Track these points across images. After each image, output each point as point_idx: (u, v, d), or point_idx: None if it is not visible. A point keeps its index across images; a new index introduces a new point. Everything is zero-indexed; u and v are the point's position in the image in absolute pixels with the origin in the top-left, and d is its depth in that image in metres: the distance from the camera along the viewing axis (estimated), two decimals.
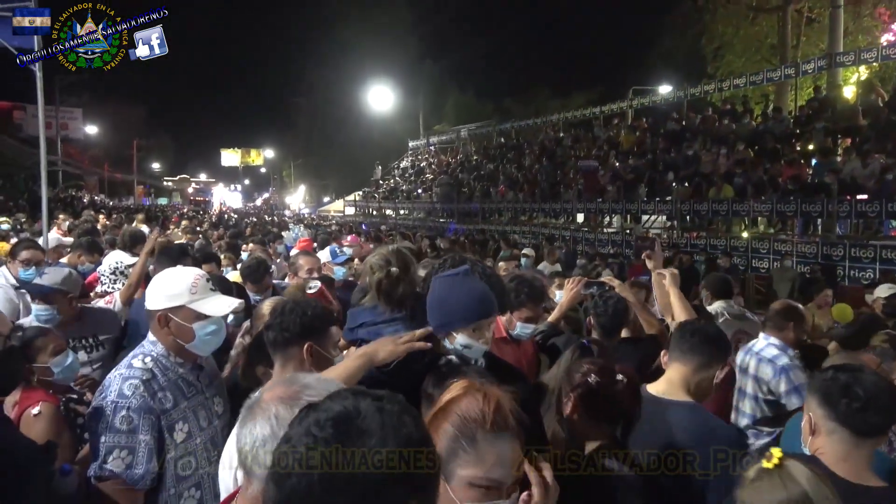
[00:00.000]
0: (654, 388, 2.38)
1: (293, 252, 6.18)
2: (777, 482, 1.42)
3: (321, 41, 53.34)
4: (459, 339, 1.86)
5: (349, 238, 8.44)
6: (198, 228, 14.12)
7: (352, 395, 1.00)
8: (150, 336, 2.26)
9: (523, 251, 10.34)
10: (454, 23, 53.47)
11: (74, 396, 2.90)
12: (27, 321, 3.39)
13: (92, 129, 52.43)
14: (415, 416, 1.00)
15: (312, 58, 54.41)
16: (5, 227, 10.83)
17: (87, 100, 48.39)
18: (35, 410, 2.46)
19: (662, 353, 2.50)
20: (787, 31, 23.05)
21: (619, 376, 2.06)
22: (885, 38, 21.36)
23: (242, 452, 1.30)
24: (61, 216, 11.54)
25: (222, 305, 2.25)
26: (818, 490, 1.40)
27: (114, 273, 4.89)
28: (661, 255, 3.83)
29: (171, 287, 2.23)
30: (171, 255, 4.54)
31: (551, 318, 3.74)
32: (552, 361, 3.21)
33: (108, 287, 4.90)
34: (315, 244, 7.86)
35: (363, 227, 23.50)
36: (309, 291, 3.34)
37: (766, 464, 1.46)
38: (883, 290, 5.92)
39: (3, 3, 5.22)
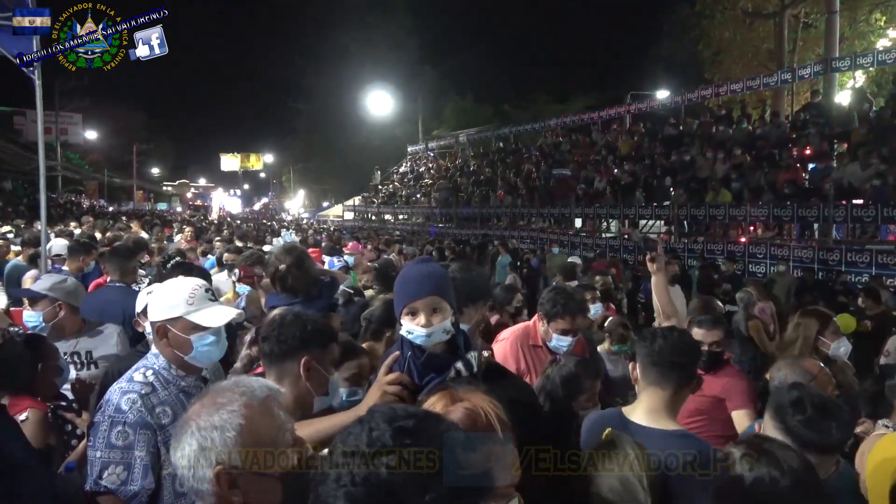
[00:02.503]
0: (633, 414, 2.23)
1: None
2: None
3: (321, 47, 53.40)
4: (403, 325, 1.78)
5: (349, 245, 8.33)
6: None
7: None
8: (153, 348, 2.26)
9: (569, 259, 9.84)
10: (453, 28, 53.62)
11: (63, 403, 2.86)
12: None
13: (92, 135, 52.49)
14: None
15: (312, 63, 54.44)
16: (10, 235, 10.80)
17: (86, 105, 48.37)
18: (22, 417, 2.44)
19: (631, 365, 2.38)
20: (784, 36, 23.15)
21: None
22: (881, 44, 21.44)
23: (183, 476, 1.30)
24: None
25: (220, 316, 2.22)
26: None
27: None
28: (664, 258, 3.83)
29: (169, 298, 2.21)
30: (121, 254, 4.64)
31: None
32: None
33: None
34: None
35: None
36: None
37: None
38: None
39: (2, 10, 5.26)
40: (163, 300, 2.21)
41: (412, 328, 1.75)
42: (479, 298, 2.29)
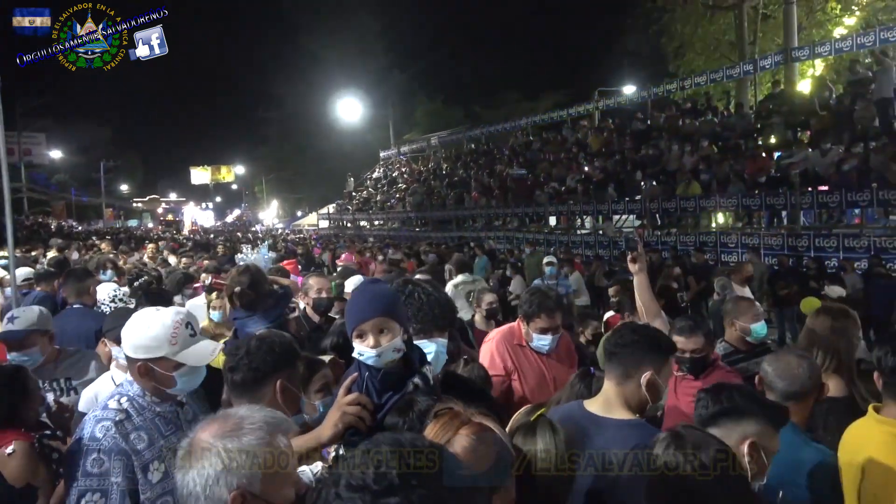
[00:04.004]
0: (591, 405, 2.31)
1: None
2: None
3: (289, 55, 53.37)
4: (355, 346, 1.82)
5: (343, 257, 8.12)
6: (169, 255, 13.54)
7: None
8: (128, 376, 2.23)
9: (546, 259, 9.77)
10: (420, 31, 53.68)
11: (48, 432, 2.86)
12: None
13: (56, 154, 51.50)
14: None
15: (281, 72, 54.34)
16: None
17: (50, 123, 47.48)
18: (9, 450, 2.39)
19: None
20: (744, 28, 23.58)
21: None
22: (838, 32, 21.96)
23: (193, 495, 1.31)
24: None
25: (203, 354, 2.19)
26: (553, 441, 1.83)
27: (113, 301, 4.95)
28: (645, 257, 3.82)
29: (150, 338, 2.14)
30: (78, 276, 4.73)
31: None
32: None
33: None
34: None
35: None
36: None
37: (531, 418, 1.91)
38: (833, 293, 6.21)
39: None
40: (143, 340, 2.14)
41: (363, 350, 1.79)
42: (447, 326, 2.31)
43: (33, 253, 12.91)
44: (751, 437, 1.93)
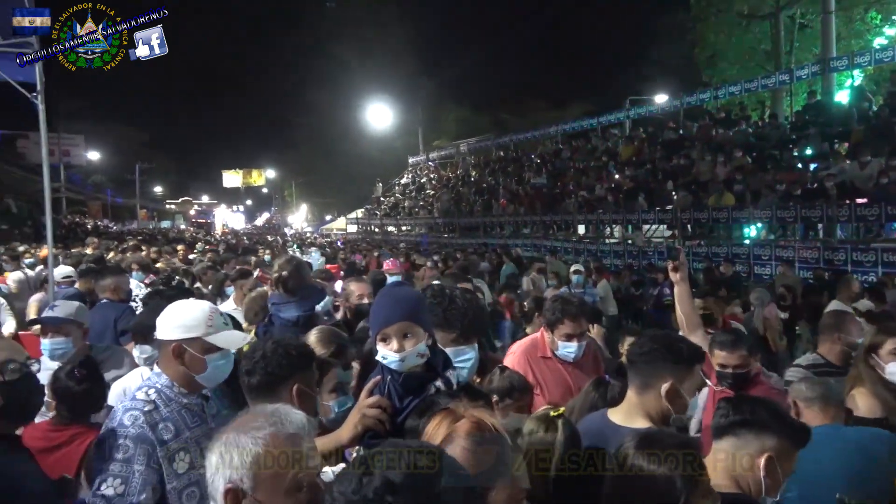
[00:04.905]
0: (614, 414, 2.30)
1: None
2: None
3: (319, 62, 53.78)
4: (378, 350, 1.84)
5: (390, 262, 7.62)
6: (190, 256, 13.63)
7: None
8: (156, 367, 2.30)
9: (573, 268, 9.25)
10: (449, 38, 54.01)
11: None
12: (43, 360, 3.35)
13: (94, 155, 52.83)
14: None
15: (311, 78, 54.83)
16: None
17: (88, 126, 48.74)
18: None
19: None
20: (780, 37, 23.22)
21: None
22: (878, 42, 21.50)
23: (207, 480, 1.38)
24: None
25: (236, 339, 2.28)
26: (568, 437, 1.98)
27: (133, 300, 5.15)
28: (687, 266, 3.74)
29: (188, 319, 2.23)
30: (108, 273, 5.13)
31: None
32: None
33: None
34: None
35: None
36: None
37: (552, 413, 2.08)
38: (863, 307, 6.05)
39: (6, 38, 5.32)
40: (181, 320, 2.23)
41: (386, 353, 1.80)
42: (482, 333, 2.33)
43: (74, 251, 13.27)
44: (769, 451, 1.89)
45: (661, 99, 24.21)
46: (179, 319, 2.23)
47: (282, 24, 68.70)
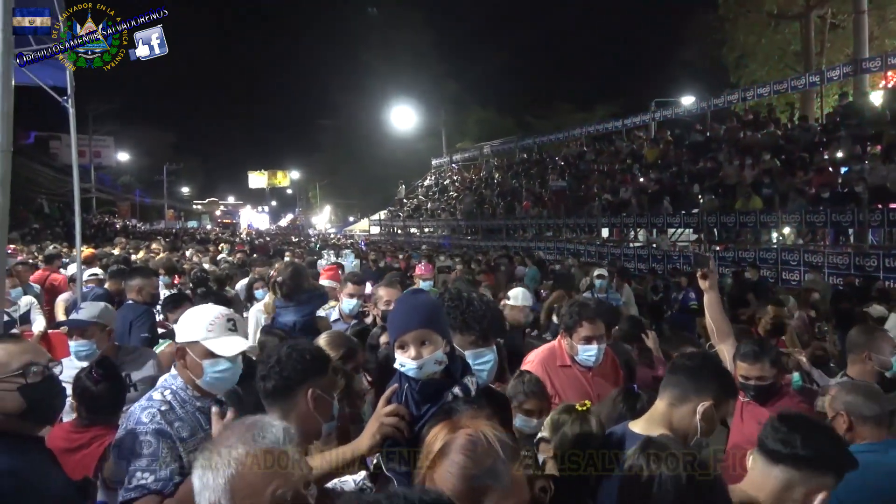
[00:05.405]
0: (636, 425, 2.26)
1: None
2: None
3: (344, 63, 54.34)
4: (396, 358, 1.83)
5: (422, 266, 7.33)
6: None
7: None
8: (173, 369, 2.35)
9: (597, 272, 8.82)
10: (473, 39, 54.01)
11: None
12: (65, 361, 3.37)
13: (123, 156, 53.86)
14: None
15: (336, 80, 55.36)
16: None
17: (118, 127, 49.67)
18: None
19: None
20: (811, 37, 22.78)
21: None
22: None
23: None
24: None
25: (233, 346, 2.26)
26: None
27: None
28: (717, 274, 3.63)
29: (192, 322, 2.28)
30: (135, 274, 5.16)
31: None
32: None
33: (160, 314, 5.20)
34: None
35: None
36: None
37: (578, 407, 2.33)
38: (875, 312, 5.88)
39: (37, 44, 5.41)
40: (186, 323, 2.30)
41: (404, 361, 1.79)
42: (499, 335, 2.33)
43: (106, 249, 13.55)
44: (828, 489, 1.82)
45: (687, 101, 23.90)
46: (184, 323, 2.30)
47: (309, 29, 69.39)
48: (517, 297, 5.32)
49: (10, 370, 1.91)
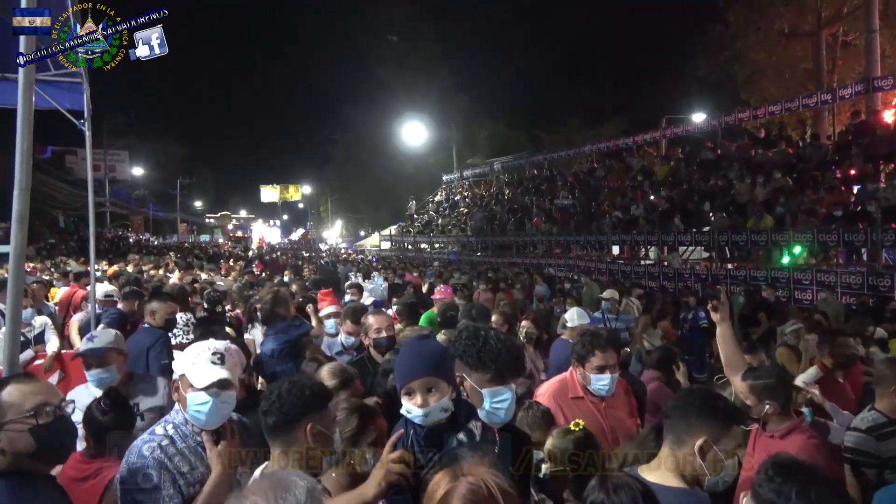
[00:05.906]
0: (647, 473, 2.22)
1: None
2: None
3: (355, 79, 54.78)
4: (403, 404, 1.84)
5: (442, 289, 7.13)
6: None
7: None
8: (177, 405, 2.37)
9: (606, 293, 8.33)
10: (483, 54, 54.30)
11: None
12: (81, 389, 3.38)
13: (138, 170, 54.47)
14: None
15: (347, 95, 55.80)
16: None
17: (132, 142, 50.28)
18: None
19: None
20: (822, 55, 22.72)
21: None
22: None
23: None
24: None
25: (203, 377, 2.27)
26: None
27: (186, 325, 5.31)
28: (728, 306, 3.56)
29: (183, 355, 2.36)
30: (153, 297, 5.22)
31: None
32: None
33: (183, 339, 5.25)
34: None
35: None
36: None
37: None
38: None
39: (56, 68, 5.53)
40: (180, 357, 2.38)
41: (410, 408, 1.83)
42: (519, 373, 2.34)
43: (116, 267, 13.65)
44: None
45: (698, 118, 23.89)
46: (179, 356, 2.38)
47: (322, 44, 70.13)
48: (573, 318, 5.19)
49: (24, 411, 1.93)
